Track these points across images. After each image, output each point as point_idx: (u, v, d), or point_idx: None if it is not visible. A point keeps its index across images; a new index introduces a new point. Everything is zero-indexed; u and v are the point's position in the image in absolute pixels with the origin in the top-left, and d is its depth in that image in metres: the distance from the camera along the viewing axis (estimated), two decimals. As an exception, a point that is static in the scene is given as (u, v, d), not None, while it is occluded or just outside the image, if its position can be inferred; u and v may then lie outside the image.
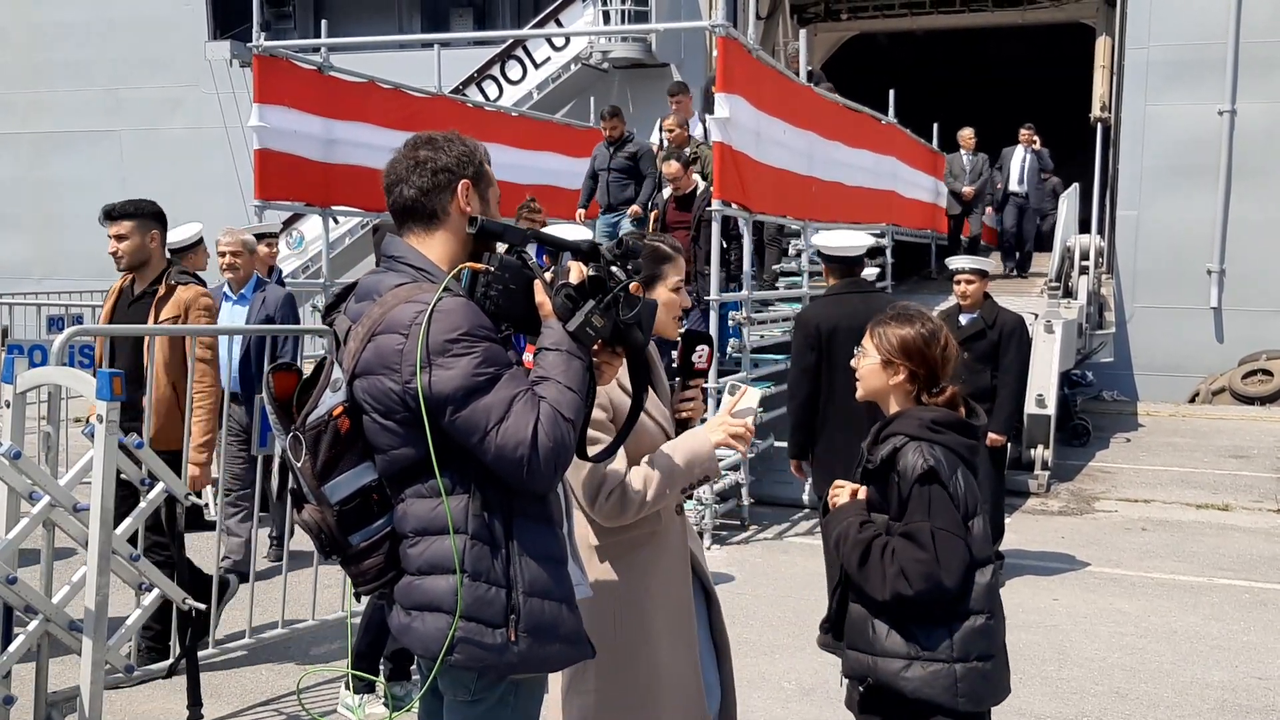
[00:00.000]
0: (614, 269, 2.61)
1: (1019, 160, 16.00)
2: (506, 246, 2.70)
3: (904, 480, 3.03)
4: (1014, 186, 15.91)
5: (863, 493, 3.23)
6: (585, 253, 2.64)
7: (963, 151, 15.90)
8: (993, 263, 11.59)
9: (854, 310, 5.80)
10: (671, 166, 9.94)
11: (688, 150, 10.47)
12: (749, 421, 3.15)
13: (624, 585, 3.18)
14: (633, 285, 2.64)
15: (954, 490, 3.03)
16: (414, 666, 4.68)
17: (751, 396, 3.17)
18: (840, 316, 5.91)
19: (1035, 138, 16.03)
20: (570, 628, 2.64)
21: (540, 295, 2.60)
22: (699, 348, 3.22)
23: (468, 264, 2.61)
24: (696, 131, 11.63)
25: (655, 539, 3.20)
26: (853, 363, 3.34)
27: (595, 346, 2.64)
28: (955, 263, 7.91)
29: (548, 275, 2.65)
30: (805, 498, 9.20)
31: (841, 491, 3.27)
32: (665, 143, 11.09)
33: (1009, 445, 7.85)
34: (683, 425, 3.25)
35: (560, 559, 2.66)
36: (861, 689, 3.14)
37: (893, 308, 3.32)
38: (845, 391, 5.58)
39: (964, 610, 3.05)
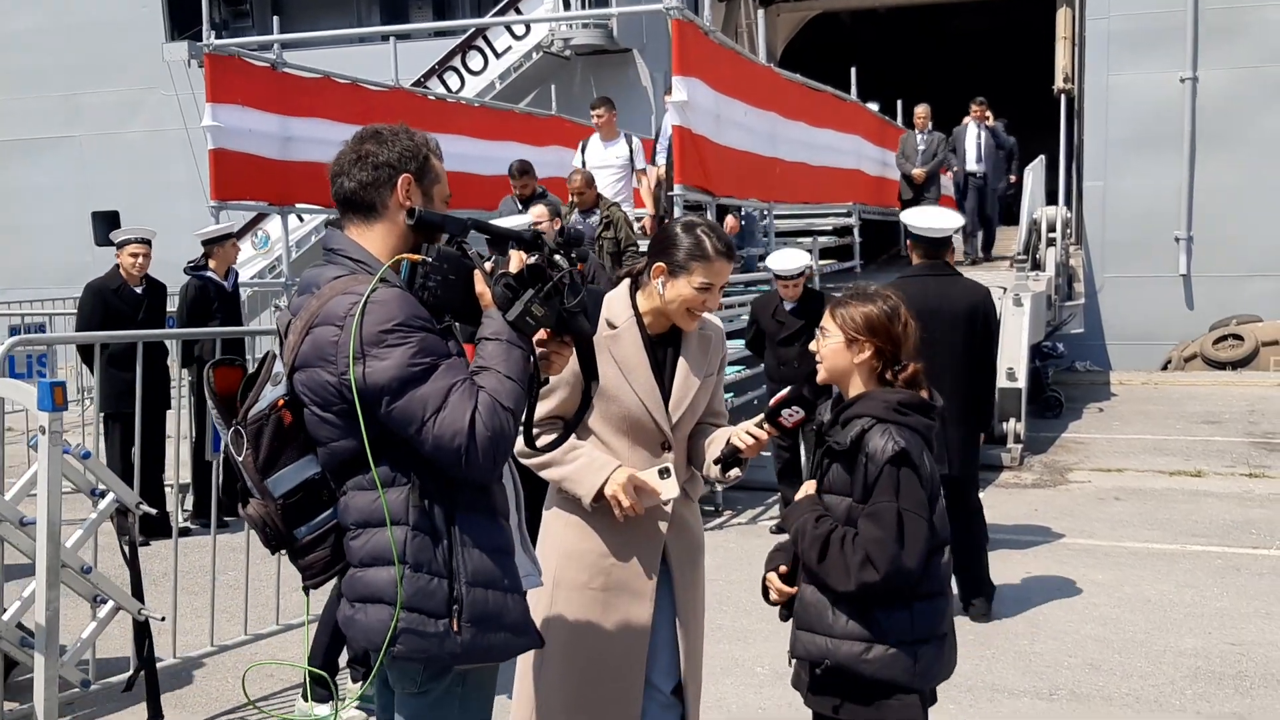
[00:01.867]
0: (557, 257, 2.59)
1: (973, 138, 14.82)
2: (448, 237, 2.68)
3: (873, 462, 2.99)
4: (971, 166, 14.78)
5: (811, 487, 3.18)
6: (527, 242, 2.62)
7: (916, 130, 14.55)
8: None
9: (926, 292, 5.97)
10: (538, 211, 7.78)
11: (599, 213, 9.02)
12: (643, 503, 3.18)
13: (569, 538, 3.30)
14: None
15: (922, 472, 3.01)
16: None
17: (668, 490, 3.21)
18: (911, 298, 5.98)
19: (988, 113, 15.02)
20: (515, 617, 2.63)
21: (480, 285, 2.59)
22: (796, 408, 3.15)
23: (405, 255, 2.59)
24: (641, 156, 10.34)
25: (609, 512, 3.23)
26: (812, 346, 3.28)
27: (544, 335, 2.64)
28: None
29: (488, 265, 2.63)
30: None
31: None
32: (573, 204, 9.35)
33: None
34: (732, 450, 3.23)
35: (505, 549, 2.65)
36: (818, 671, 3.08)
37: (848, 289, 3.28)
38: None
39: (924, 591, 3.03)
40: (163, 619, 4.58)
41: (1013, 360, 10.54)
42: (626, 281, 3.35)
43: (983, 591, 6.22)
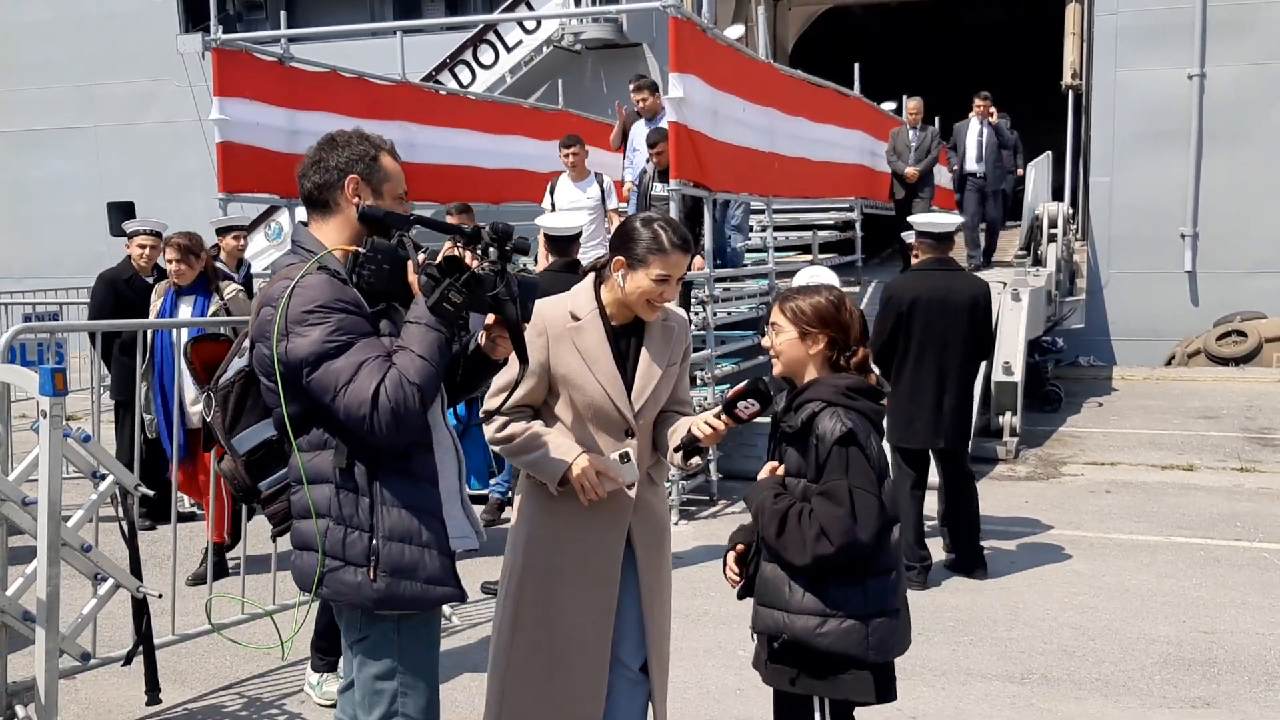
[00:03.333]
0: (491, 249, 2.83)
1: (974, 135, 13.90)
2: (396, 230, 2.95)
3: (822, 444, 3.14)
4: (971, 166, 13.89)
5: (781, 470, 3.33)
6: (467, 235, 2.86)
7: (908, 126, 13.55)
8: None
9: (934, 285, 6.61)
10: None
11: None
12: (603, 488, 3.35)
13: (538, 521, 3.48)
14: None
15: (869, 452, 3.16)
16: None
17: (628, 475, 3.38)
18: (921, 290, 6.63)
19: (992, 109, 14.14)
20: (431, 571, 2.90)
21: (412, 275, 2.85)
22: (752, 400, 3.28)
23: (342, 246, 2.90)
24: (613, 196, 9.89)
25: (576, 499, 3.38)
26: (764, 341, 3.42)
27: (492, 320, 2.90)
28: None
29: (421, 256, 2.86)
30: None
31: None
32: None
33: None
34: (691, 439, 3.34)
35: (426, 509, 2.91)
36: (776, 645, 3.22)
37: (793, 285, 3.42)
38: (917, 359, 6.56)
39: (876, 567, 3.18)
40: (159, 596, 4.75)
41: (1009, 354, 10.64)
42: (591, 275, 3.50)
43: (977, 559, 6.49)
